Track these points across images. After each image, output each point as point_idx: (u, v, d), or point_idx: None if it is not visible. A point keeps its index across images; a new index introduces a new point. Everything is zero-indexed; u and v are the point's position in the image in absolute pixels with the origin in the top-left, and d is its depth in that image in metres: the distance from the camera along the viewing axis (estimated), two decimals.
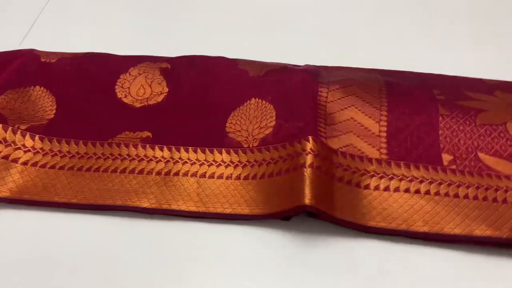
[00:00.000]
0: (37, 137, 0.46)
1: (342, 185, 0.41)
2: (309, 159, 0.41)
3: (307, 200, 0.38)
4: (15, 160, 0.44)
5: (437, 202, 0.41)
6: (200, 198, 0.42)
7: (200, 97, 0.49)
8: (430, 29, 0.60)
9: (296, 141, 0.43)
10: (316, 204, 0.38)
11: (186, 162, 0.44)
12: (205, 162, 0.44)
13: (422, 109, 0.46)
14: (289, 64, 0.53)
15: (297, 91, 0.48)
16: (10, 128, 0.46)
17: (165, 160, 0.44)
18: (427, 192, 0.41)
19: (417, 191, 0.41)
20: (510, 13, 0.62)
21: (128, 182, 0.43)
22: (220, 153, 0.44)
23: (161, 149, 0.45)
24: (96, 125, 0.47)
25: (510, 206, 0.40)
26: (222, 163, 0.44)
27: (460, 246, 0.39)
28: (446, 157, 0.43)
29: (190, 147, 0.45)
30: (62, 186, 0.43)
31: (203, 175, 0.43)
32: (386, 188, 0.41)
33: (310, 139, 0.42)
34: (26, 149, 0.45)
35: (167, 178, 0.43)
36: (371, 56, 0.56)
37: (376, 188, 0.41)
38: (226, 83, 0.50)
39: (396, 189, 0.41)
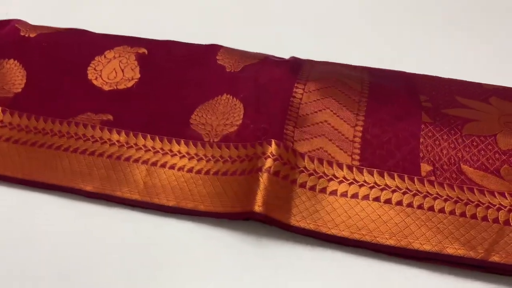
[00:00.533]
0: None
1: (304, 191, 0.39)
2: (267, 163, 0.38)
3: (257, 207, 0.36)
4: None
5: (408, 214, 0.37)
6: (146, 187, 0.40)
7: (171, 87, 0.47)
8: (428, 25, 0.58)
9: (258, 143, 0.41)
10: (267, 211, 0.36)
11: (140, 149, 0.42)
12: (160, 151, 0.42)
13: (403, 116, 0.43)
14: (272, 56, 0.51)
15: (271, 90, 0.46)
16: None
17: (120, 144, 0.43)
18: (399, 203, 0.38)
19: (388, 201, 0.38)
20: (508, 10, 0.59)
21: (77, 162, 0.42)
22: (178, 143, 0.43)
23: (119, 133, 0.43)
24: (61, 104, 0.46)
25: (490, 225, 0.36)
26: (177, 154, 0.42)
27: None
28: (425, 167, 0.40)
29: (148, 134, 0.43)
30: (11, 160, 0.42)
31: (155, 164, 0.41)
32: (354, 195, 0.38)
33: (273, 142, 0.40)
34: None
35: (117, 162, 0.42)
36: (367, 51, 0.54)
37: (343, 194, 0.38)
38: (201, 77, 0.48)
39: (365, 197, 0.38)
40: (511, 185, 0.38)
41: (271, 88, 0.46)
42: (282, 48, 0.52)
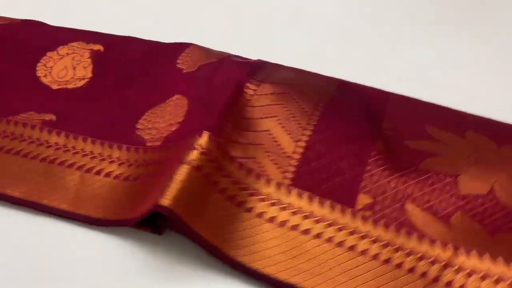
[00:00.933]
0: None
1: (220, 198, 0.34)
2: (192, 155, 0.33)
3: (165, 200, 0.31)
4: None
5: (324, 251, 0.32)
6: (77, 195, 0.36)
7: (124, 88, 0.45)
8: (427, 25, 0.55)
9: (191, 136, 0.36)
10: (174, 207, 0.31)
11: (77, 153, 0.39)
12: (97, 156, 0.39)
13: (355, 139, 0.38)
14: (235, 56, 0.47)
15: (221, 88, 0.42)
16: None
17: (56, 147, 0.39)
18: (318, 236, 0.33)
19: (306, 232, 0.33)
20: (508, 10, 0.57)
21: (9, 164, 0.38)
22: (120, 149, 0.39)
23: (59, 135, 0.40)
24: (3, 101, 0.44)
25: (416, 278, 0.30)
26: (116, 160, 0.38)
27: None
28: (363, 199, 0.34)
29: (89, 137, 0.40)
30: None
31: (90, 170, 0.38)
32: (271, 219, 0.33)
33: (204, 134, 0.35)
34: None
35: (50, 166, 0.38)
36: (367, 51, 0.52)
37: (259, 215, 0.34)
38: (155, 78, 0.45)
39: (282, 224, 0.33)
40: (458, 236, 0.32)
41: (221, 86, 0.42)
42: (282, 48, 0.50)
